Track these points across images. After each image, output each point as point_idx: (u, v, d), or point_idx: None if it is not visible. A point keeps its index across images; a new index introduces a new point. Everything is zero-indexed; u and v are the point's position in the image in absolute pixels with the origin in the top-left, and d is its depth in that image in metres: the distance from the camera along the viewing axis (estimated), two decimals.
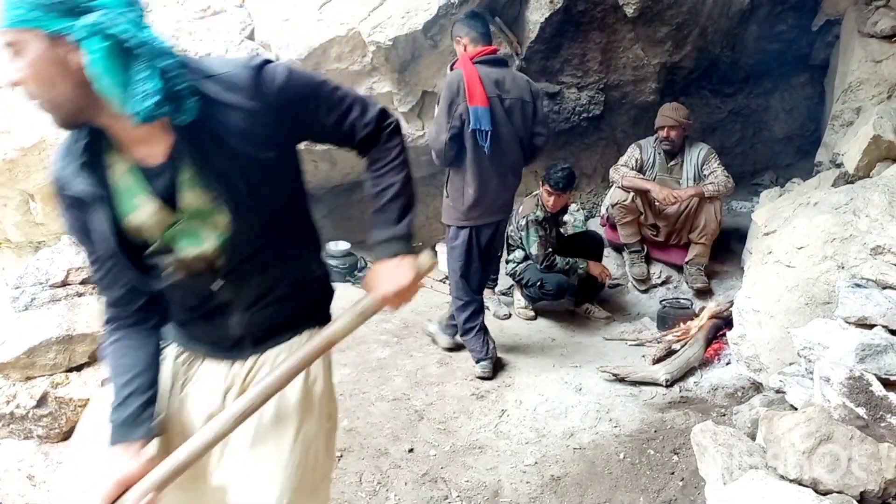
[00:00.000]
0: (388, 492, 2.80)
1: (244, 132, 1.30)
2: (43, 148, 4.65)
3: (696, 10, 5.41)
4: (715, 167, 4.80)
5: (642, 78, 5.80)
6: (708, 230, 4.76)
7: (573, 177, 4.50)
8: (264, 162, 1.34)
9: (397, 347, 4.18)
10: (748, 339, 3.42)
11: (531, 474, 2.90)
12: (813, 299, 3.18)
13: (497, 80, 3.48)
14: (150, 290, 1.43)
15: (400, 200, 1.51)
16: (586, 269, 4.57)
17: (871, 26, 4.87)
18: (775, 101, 6.77)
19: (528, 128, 3.62)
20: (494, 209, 3.69)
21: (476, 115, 3.37)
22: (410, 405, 3.49)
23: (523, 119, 3.57)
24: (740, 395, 3.42)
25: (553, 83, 5.66)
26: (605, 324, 4.75)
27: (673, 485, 2.77)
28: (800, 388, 2.48)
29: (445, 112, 3.46)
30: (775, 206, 4.31)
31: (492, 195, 3.62)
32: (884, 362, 2.15)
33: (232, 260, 1.40)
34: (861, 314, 2.37)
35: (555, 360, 4.04)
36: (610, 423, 3.28)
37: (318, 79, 1.45)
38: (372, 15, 4.67)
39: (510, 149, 3.59)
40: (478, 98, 3.38)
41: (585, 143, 6.22)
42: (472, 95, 3.38)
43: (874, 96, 4.72)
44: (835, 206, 3.42)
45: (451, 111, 3.44)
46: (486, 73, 3.46)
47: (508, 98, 3.51)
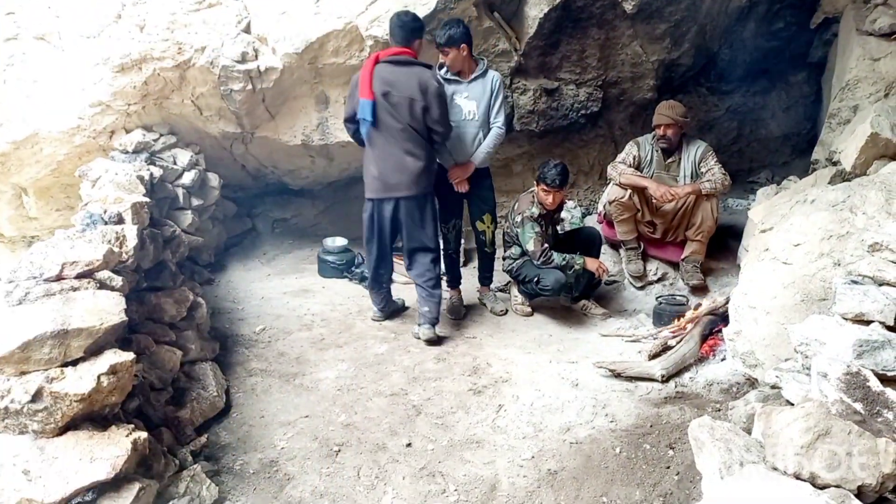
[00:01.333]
0: (386, 486, 2.80)
1: None
2: (36, 141, 4.62)
3: (694, 8, 5.41)
4: (712, 164, 4.80)
5: (640, 75, 5.81)
6: (704, 227, 4.76)
7: (567, 172, 4.52)
8: None
9: (395, 343, 4.19)
10: (744, 335, 3.43)
11: (528, 468, 2.91)
12: (809, 296, 3.19)
13: (388, 79, 3.95)
14: None
15: None
16: (583, 265, 4.57)
17: (870, 24, 4.87)
18: (772, 99, 6.78)
19: (419, 122, 4.03)
20: (391, 186, 4.12)
21: (361, 106, 3.97)
22: (408, 400, 3.49)
23: (411, 114, 3.99)
24: (735, 390, 3.43)
25: (551, 79, 5.65)
26: (602, 320, 4.75)
27: (669, 479, 2.77)
28: (796, 384, 2.48)
29: (348, 100, 4.17)
30: (772, 203, 4.32)
31: (389, 174, 4.09)
32: (881, 358, 2.15)
33: None
34: (859, 310, 2.37)
35: (551, 356, 4.05)
36: (606, 417, 3.28)
37: None
38: (370, 9, 4.66)
39: (401, 136, 4.03)
40: (364, 92, 3.94)
41: (583, 139, 6.22)
42: (362, 89, 3.95)
43: (872, 94, 4.73)
44: (832, 203, 3.43)
45: (351, 100, 4.10)
46: (381, 71, 3.96)
47: (396, 95, 3.95)
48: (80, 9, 4.77)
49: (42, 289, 2.75)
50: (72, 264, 2.88)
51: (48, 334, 2.38)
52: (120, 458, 2.29)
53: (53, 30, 4.76)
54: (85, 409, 2.37)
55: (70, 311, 2.54)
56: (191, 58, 4.62)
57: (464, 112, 4.42)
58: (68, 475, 2.21)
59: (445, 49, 4.28)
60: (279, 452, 3.02)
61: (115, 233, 3.27)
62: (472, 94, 4.40)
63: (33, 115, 4.60)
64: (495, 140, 4.48)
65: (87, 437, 2.36)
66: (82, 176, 4.35)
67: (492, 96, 4.42)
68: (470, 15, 4.85)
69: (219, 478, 2.83)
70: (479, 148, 4.46)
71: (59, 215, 5.26)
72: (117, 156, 4.63)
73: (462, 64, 4.35)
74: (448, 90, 4.35)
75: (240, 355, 3.93)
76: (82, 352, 2.47)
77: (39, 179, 4.95)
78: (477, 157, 4.46)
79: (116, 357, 2.50)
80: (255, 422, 3.29)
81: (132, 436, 2.40)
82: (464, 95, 4.41)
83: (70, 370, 2.41)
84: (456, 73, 4.40)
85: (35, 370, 2.38)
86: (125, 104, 4.62)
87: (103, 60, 4.48)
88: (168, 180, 4.71)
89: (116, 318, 2.60)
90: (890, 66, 4.71)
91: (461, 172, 4.47)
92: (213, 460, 2.96)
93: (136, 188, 4.07)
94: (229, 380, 3.61)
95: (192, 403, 3.18)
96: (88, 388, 2.35)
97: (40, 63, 4.69)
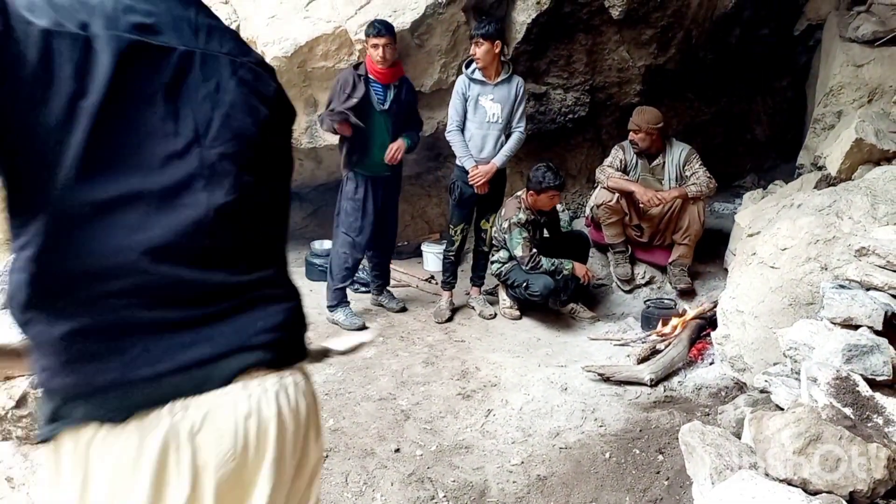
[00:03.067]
0: (375, 492, 2.78)
1: None
2: None
3: (681, 14, 5.45)
4: (696, 168, 4.83)
5: (627, 80, 5.84)
6: (691, 231, 4.79)
7: (557, 169, 4.62)
8: None
9: (383, 347, 4.17)
10: (732, 340, 3.45)
11: (517, 474, 2.90)
12: (796, 300, 3.21)
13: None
14: None
15: None
16: (572, 270, 4.58)
17: (853, 31, 4.93)
18: (758, 104, 6.84)
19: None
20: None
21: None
22: (396, 405, 3.47)
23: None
24: (724, 394, 3.45)
25: (539, 84, 5.67)
26: (590, 323, 4.76)
27: (658, 484, 2.78)
28: (785, 389, 2.50)
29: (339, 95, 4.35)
30: (758, 207, 4.36)
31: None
32: (870, 363, 2.17)
33: None
34: (847, 315, 2.39)
35: (540, 360, 4.05)
36: (595, 422, 3.29)
37: None
38: (359, 13, 4.65)
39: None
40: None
41: (571, 143, 6.24)
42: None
43: (855, 100, 4.79)
44: (818, 208, 3.46)
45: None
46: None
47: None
48: None
49: None
50: None
51: None
52: None
53: None
54: None
55: None
56: None
57: (488, 114, 4.44)
58: None
59: (480, 40, 4.27)
60: None
61: None
62: (498, 97, 4.43)
63: None
64: (517, 143, 4.54)
65: None
66: None
67: (516, 100, 4.47)
68: (458, 20, 4.86)
69: None
70: (501, 150, 4.50)
71: None
72: None
73: (491, 61, 4.36)
74: (473, 91, 4.41)
75: None
76: None
77: None
78: (499, 159, 4.50)
79: None
80: None
81: None
82: (489, 97, 4.43)
83: None
84: (482, 73, 4.41)
85: (20, 375, 2.34)
86: None
87: None
88: None
89: None
90: (873, 72, 4.77)
91: (484, 174, 4.49)
92: None
93: None
94: None
95: None
96: None
97: None
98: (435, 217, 6.33)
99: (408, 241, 6.11)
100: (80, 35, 0.97)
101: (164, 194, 1.03)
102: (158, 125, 1.04)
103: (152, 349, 1.01)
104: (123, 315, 1.01)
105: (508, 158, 4.56)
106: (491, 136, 4.47)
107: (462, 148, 4.49)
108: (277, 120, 1.24)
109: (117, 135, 0.99)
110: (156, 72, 1.04)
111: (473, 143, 4.48)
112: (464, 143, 4.49)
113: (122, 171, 1.00)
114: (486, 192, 4.56)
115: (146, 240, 1.01)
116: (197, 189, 1.06)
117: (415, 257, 5.98)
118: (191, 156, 1.06)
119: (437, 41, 4.93)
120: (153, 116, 1.04)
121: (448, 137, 4.56)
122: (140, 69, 1.02)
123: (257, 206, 1.16)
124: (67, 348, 1.00)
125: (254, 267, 1.14)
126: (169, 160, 1.04)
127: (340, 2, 4.69)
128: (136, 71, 1.01)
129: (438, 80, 5.10)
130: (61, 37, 0.95)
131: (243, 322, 1.09)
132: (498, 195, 4.76)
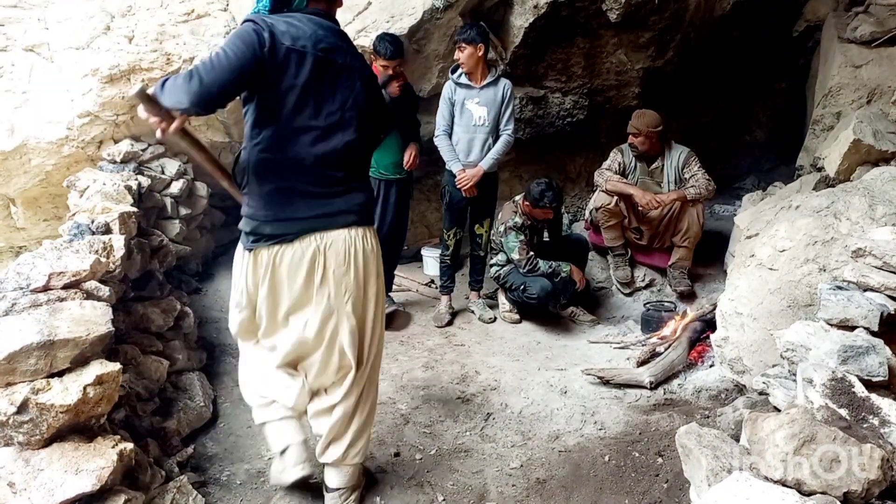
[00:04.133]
0: (374, 496, 2.79)
1: None
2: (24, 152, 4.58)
3: (678, 16, 5.46)
4: (695, 170, 4.84)
5: (625, 83, 5.84)
6: (690, 233, 4.79)
7: (559, 192, 4.69)
8: None
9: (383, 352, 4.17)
10: (731, 342, 3.45)
11: (517, 477, 2.91)
12: (795, 302, 3.21)
13: None
14: None
15: None
16: (570, 273, 4.58)
17: (851, 32, 4.93)
18: (757, 106, 6.84)
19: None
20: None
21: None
22: (396, 409, 3.48)
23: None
24: (724, 396, 3.45)
25: (537, 88, 5.68)
26: (590, 327, 4.77)
27: (658, 487, 2.78)
28: (783, 390, 2.50)
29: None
30: (757, 209, 4.36)
31: None
32: (865, 364, 2.17)
33: None
34: (843, 316, 2.39)
35: (540, 363, 4.05)
36: (595, 425, 3.29)
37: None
38: (357, 19, 4.66)
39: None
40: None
41: (570, 147, 6.24)
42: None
43: (854, 101, 4.79)
44: (816, 209, 3.46)
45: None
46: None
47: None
48: (70, 21, 4.78)
49: (29, 299, 2.72)
50: (59, 275, 2.85)
51: (34, 345, 2.35)
52: (105, 469, 2.27)
53: (43, 41, 4.76)
54: (71, 420, 2.35)
55: (57, 321, 2.51)
56: (179, 68, 4.60)
57: (475, 117, 4.46)
58: (53, 487, 2.19)
59: (463, 45, 4.30)
60: (266, 463, 3.00)
61: (103, 243, 3.24)
62: (484, 101, 4.45)
63: (22, 126, 4.57)
64: (505, 146, 4.54)
65: (72, 449, 2.33)
66: (70, 186, 4.32)
67: (503, 103, 4.48)
68: (456, 25, 4.87)
69: (205, 489, 2.81)
70: (489, 154, 4.50)
71: (47, 225, 5.21)
72: (105, 166, 4.61)
73: (476, 65, 4.37)
74: (459, 95, 4.43)
75: (227, 365, 3.90)
76: (69, 363, 2.44)
77: (27, 190, 4.91)
78: (486, 162, 4.50)
79: (103, 368, 2.48)
80: (243, 432, 3.27)
81: (118, 447, 2.38)
82: (475, 101, 4.44)
83: (56, 381, 2.39)
84: (468, 77, 4.42)
85: (21, 381, 2.35)
86: (113, 114, 4.60)
87: (92, 71, 4.47)
88: (156, 190, 4.68)
89: (103, 329, 2.58)
90: (871, 73, 4.77)
91: (471, 177, 4.49)
92: (200, 471, 2.94)
93: (124, 198, 4.05)
94: (217, 389, 3.59)
95: (179, 414, 3.16)
96: (74, 400, 2.32)
97: (29, 74, 4.67)
98: (434, 221, 6.34)
99: (408, 246, 6.12)
100: (300, 50, 2.20)
101: (325, 131, 2.30)
102: (327, 97, 2.29)
103: (308, 204, 2.31)
104: (296, 186, 2.30)
105: (496, 161, 4.56)
106: (477, 139, 4.48)
107: (449, 152, 4.51)
108: (374, 94, 2.46)
109: (310, 98, 2.25)
110: (329, 72, 2.27)
111: (460, 147, 4.50)
112: (451, 147, 4.51)
113: (310, 115, 2.27)
114: (474, 195, 4.56)
115: (315, 151, 2.28)
116: (338, 131, 2.32)
117: (415, 262, 5.99)
118: (338, 114, 2.31)
119: (435, 46, 4.95)
120: (325, 93, 2.28)
121: (436, 142, 4.58)
122: (323, 69, 2.25)
123: (362, 141, 2.39)
124: (267, 196, 2.30)
125: (355, 172, 2.42)
126: (329, 115, 2.30)
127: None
128: (322, 70, 2.25)
129: (437, 85, 5.11)
130: (293, 50, 2.19)
131: (347, 199, 2.37)
132: (491, 199, 4.76)
